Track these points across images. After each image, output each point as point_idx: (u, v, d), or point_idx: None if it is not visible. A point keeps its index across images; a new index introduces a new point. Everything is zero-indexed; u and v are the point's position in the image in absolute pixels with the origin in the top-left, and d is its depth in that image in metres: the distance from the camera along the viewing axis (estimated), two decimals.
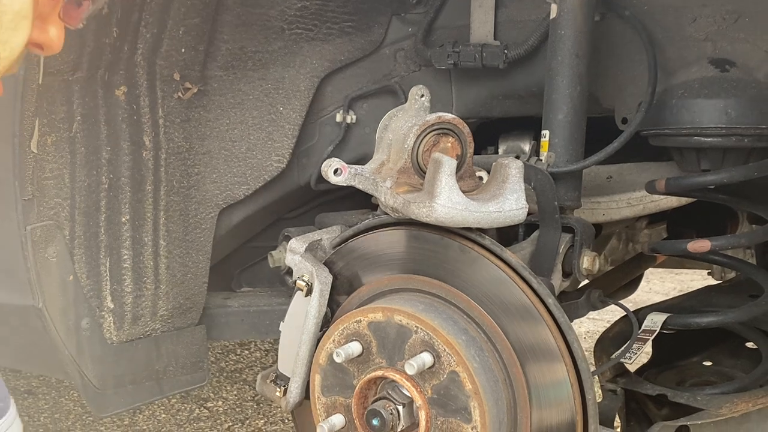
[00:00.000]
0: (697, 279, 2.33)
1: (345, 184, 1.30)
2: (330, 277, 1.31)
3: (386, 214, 1.28)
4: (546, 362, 1.15)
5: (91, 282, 1.51)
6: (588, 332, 4.02)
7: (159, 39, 1.51)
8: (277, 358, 1.39)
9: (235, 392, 3.35)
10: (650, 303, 1.71)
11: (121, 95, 1.50)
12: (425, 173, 1.24)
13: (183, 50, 1.55)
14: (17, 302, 1.47)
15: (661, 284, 4.82)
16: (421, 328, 1.15)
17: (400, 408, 1.17)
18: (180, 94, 1.59)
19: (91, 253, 1.51)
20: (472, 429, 1.14)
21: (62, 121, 1.43)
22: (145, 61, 1.51)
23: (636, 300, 3.89)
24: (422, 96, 1.30)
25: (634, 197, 1.59)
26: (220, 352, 3.59)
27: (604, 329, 1.64)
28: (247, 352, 3.65)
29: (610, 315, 1.51)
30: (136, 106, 1.53)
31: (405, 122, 1.29)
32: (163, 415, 3.17)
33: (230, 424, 3.10)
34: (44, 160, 1.42)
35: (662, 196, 1.53)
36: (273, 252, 1.76)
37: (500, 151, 1.71)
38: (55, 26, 0.99)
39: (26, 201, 1.43)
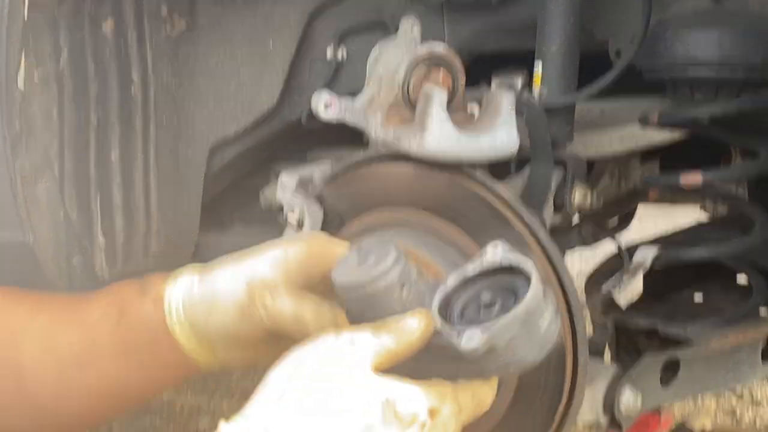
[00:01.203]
0: (690, 215, 2.34)
1: (335, 119, 1.29)
2: (321, 213, 1.31)
3: (377, 149, 1.28)
4: None
5: (82, 219, 1.51)
6: (578, 272, 4.05)
7: None
8: None
9: None
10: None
11: (108, 29, 1.48)
12: (416, 107, 1.23)
13: None
14: (8, 239, 1.47)
15: (654, 226, 4.85)
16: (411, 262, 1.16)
17: None
18: (168, 28, 1.57)
19: (82, 191, 1.50)
20: None
21: (49, 56, 1.42)
22: None
23: (629, 240, 3.92)
24: (413, 28, 1.28)
25: (626, 133, 1.59)
26: None
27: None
28: None
29: (603, 253, 1.52)
30: (124, 41, 1.51)
31: (395, 55, 1.27)
32: None
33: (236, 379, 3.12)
34: (31, 96, 1.40)
35: (655, 132, 1.53)
36: (265, 190, 1.76)
37: (493, 84, 1.69)
38: None
39: (14, 137, 1.42)
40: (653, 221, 4.85)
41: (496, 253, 0.96)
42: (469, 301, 0.96)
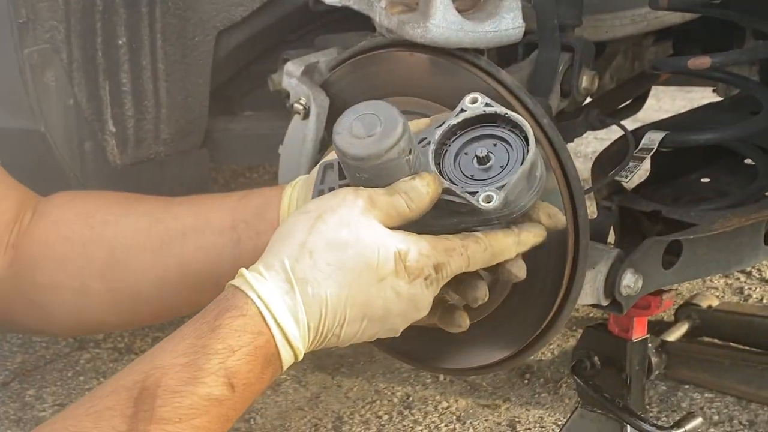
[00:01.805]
0: (708, 97, 2.32)
1: (340, 5, 1.28)
2: (327, 100, 1.32)
3: (382, 35, 1.27)
4: None
5: (91, 106, 1.52)
6: (594, 152, 4.04)
7: None
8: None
9: None
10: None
11: None
12: None
13: None
14: (20, 126, 1.49)
15: (671, 103, 4.79)
16: None
17: None
18: None
19: (90, 77, 1.51)
20: None
21: None
22: None
23: (645, 118, 3.89)
24: None
25: (638, 14, 1.56)
26: (230, 175, 3.63)
27: None
28: (256, 175, 3.70)
29: (617, 135, 1.51)
30: None
31: None
32: None
33: None
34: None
35: (666, 13, 1.50)
36: (273, 75, 1.75)
37: None
38: None
39: (21, 24, 1.42)
40: (670, 99, 4.81)
41: (478, 104, 1.00)
42: (459, 153, 1.00)
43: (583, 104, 1.53)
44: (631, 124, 2.14)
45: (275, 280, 0.88)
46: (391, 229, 0.93)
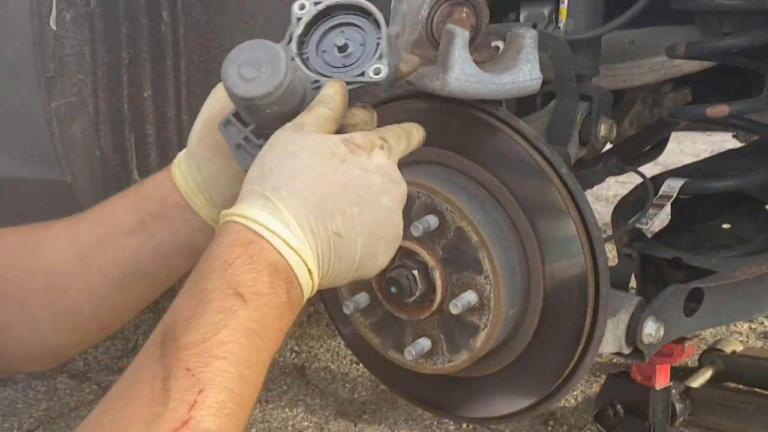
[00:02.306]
0: (729, 140, 2.33)
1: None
2: None
3: (402, 87, 1.28)
4: (556, 221, 1.17)
5: (117, 157, 1.55)
6: (615, 195, 4.04)
7: None
8: None
9: None
10: (681, 164, 1.71)
11: None
12: (439, 45, 1.23)
13: None
14: (47, 177, 1.52)
15: (692, 146, 4.79)
16: (422, 192, 1.18)
17: (416, 272, 1.20)
18: None
19: (116, 129, 1.54)
20: (485, 279, 1.18)
21: None
22: None
23: (666, 162, 3.89)
24: None
25: (655, 62, 1.58)
26: None
27: None
28: None
29: (638, 178, 1.52)
30: None
31: None
32: None
33: None
34: (64, 37, 1.44)
35: (684, 61, 1.52)
36: None
37: (521, 17, 1.68)
38: None
39: (49, 78, 1.46)
40: (691, 142, 4.81)
41: (308, 6, 1.06)
42: (318, 54, 1.06)
43: (603, 151, 1.54)
44: (651, 167, 2.15)
45: (249, 202, 0.90)
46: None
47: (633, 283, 1.51)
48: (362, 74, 1.03)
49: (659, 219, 1.45)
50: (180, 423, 0.77)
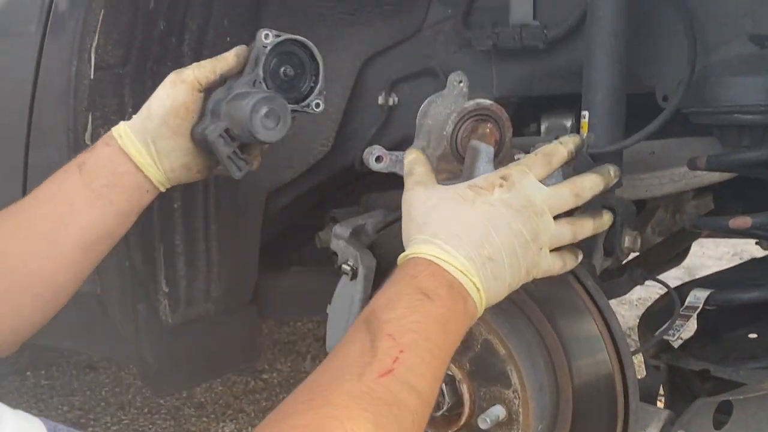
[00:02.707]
0: (750, 242, 2.33)
1: (386, 171, 1.33)
2: (374, 261, 1.35)
3: None
4: (588, 344, 1.18)
5: (146, 268, 1.57)
6: (639, 299, 4.02)
7: (204, 30, 1.55)
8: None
9: (289, 364, 3.43)
10: (703, 268, 1.72)
11: None
12: (464, 158, 1.26)
13: (228, 39, 1.59)
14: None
15: (714, 249, 4.78)
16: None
17: (443, 386, 1.20)
18: None
19: (146, 241, 1.56)
20: (513, 393, 1.17)
21: (114, 113, 1.49)
22: (191, 52, 1.56)
23: (688, 265, 3.87)
24: (460, 82, 1.32)
25: (676, 173, 1.59)
26: (273, 324, 3.66)
27: (655, 295, 1.66)
28: (300, 324, 3.73)
29: (662, 279, 1.52)
30: None
31: (444, 109, 1.31)
32: (220, 387, 3.26)
33: (285, 395, 3.16)
34: None
35: (705, 172, 1.53)
36: (320, 233, 1.80)
37: (542, 129, 1.72)
38: None
39: None
40: (714, 245, 4.80)
41: (267, 39, 1.30)
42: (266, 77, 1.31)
43: (623, 264, 1.55)
44: (674, 270, 2.15)
45: (417, 246, 1.11)
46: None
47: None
48: (307, 105, 1.34)
49: (686, 329, 1.44)
50: (386, 370, 0.95)
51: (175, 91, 1.29)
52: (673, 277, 1.69)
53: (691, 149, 1.58)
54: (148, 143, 1.29)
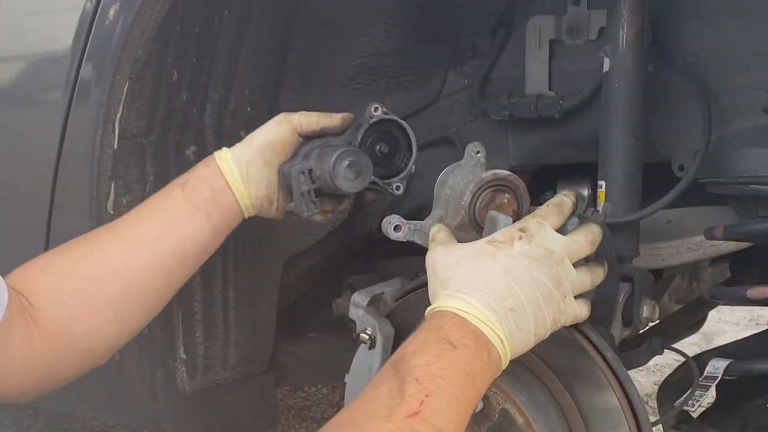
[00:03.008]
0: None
1: (405, 240, 1.34)
2: (392, 330, 1.35)
3: None
4: (608, 417, 1.17)
5: (164, 335, 1.58)
6: (656, 365, 3.98)
7: (226, 100, 1.58)
8: (343, 396, 1.44)
9: (303, 430, 3.40)
10: (719, 334, 1.70)
11: (190, 155, 1.57)
12: (482, 228, 1.27)
13: (249, 109, 1.61)
14: None
15: (731, 314, 4.75)
16: None
17: None
18: None
19: (165, 308, 1.57)
20: None
21: (136, 182, 1.51)
22: (213, 121, 1.58)
23: (705, 331, 3.84)
24: (478, 153, 1.34)
25: (693, 242, 1.60)
26: (288, 390, 3.64)
27: (672, 361, 1.64)
28: (314, 389, 3.70)
29: (679, 345, 1.51)
30: None
31: (461, 179, 1.33)
32: None
33: None
34: None
35: (722, 241, 1.54)
36: (338, 300, 1.81)
37: None
38: None
39: None
40: (729, 310, 4.76)
41: (376, 113, 1.39)
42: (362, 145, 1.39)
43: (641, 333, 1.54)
44: (692, 337, 2.13)
45: (442, 301, 1.15)
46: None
47: None
48: (389, 183, 1.42)
49: (705, 399, 1.43)
50: (413, 412, 0.99)
51: (279, 128, 1.41)
52: (691, 342, 1.68)
53: (708, 218, 1.58)
54: (241, 167, 1.39)
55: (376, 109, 1.38)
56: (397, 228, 1.32)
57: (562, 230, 1.23)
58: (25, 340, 1.27)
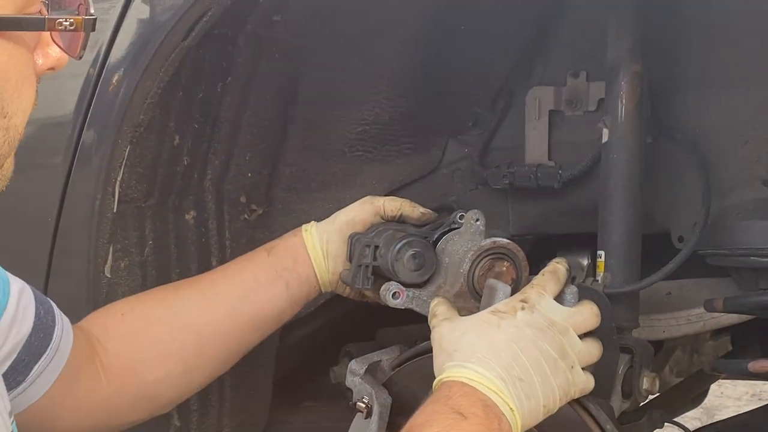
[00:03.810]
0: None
1: (403, 307, 1.33)
2: (389, 399, 1.34)
3: None
4: None
5: None
6: None
7: (227, 165, 1.59)
8: None
9: None
10: (721, 408, 1.68)
11: (190, 219, 1.57)
12: (481, 297, 1.27)
13: (249, 174, 1.62)
14: None
15: (733, 389, 4.70)
16: None
17: None
18: (246, 215, 1.66)
19: None
20: None
21: (135, 246, 1.50)
22: (213, 186, 1.59)
23: (707, 405, 3.80)
24: (477, 220, 1.34)
25: (693, 314, 1.59)
26: None
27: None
28: None
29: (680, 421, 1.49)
30: (205, 228, 1.60)
31: (461, 246, 1.32)
32: None
33: None
34: (117, 284, 1.48)
35: (722, 313, 1.53)
36: (335, 368, 1.79)
37: None
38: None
39: None
40: (732, 385, 4.72)
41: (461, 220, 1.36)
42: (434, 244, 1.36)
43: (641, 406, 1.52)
44: (693, 412, 2.10)
45: (451, 371, 1.14)
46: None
47: None
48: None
49: None
50: None
51: (362, 208, 1.47)
52: (692, 417, 1.66)
53: (708, 290, 1.57)
54: (323, 242, 1.45)
55: (461, 217, 1.36)
56: (395, 295, 1.32)
57: (560, 300, 1.22)
58: (90, 384, 1.32)
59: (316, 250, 1.44)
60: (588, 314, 1.22)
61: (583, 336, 1.20)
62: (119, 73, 1.42)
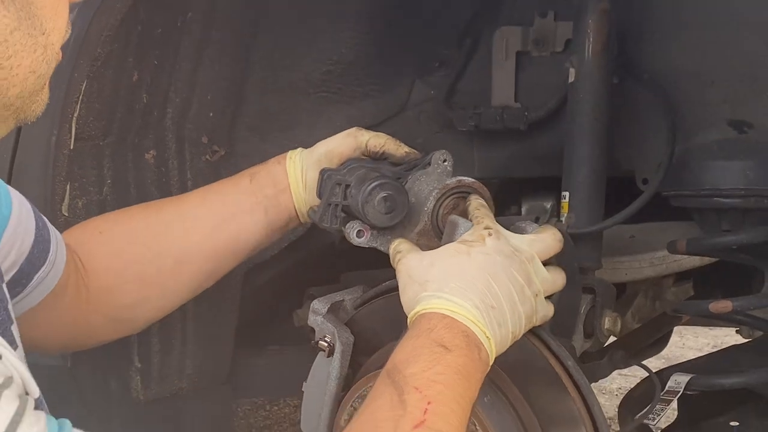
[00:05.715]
0: (731, 334, 2.32)
1: (367, 246, 1.32)
2: (351, 338, 1.33)
3: None
4: (567, 426, 1.16)
5: (119, 342, 1.53)
6: (619, 389, 3.98)
7: (188, 103, 1.56)
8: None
9: None
10: (683, 359, 1.70)
11: (150, 158, 1.54)
12: (443, 234, 1.26)
13: (211, 114, 1.59)
14: (47, 362, 1.50)
15: (695, 339, 4.77)
16: None
17: None
18: (208, 156, 1.63)
19: None
20: None
21: (93, 184, 1.47)
22: (174, 125, 1.56)
23: (669, 356, 3.85)
24: (445, 161, 1.32)
25: (656, 257, 1.60)
26: (249, 408, 3.57)
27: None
28: (276, 408, 3.64)
29: (641, 371, 1.50)
30: (165, 169, 1.57)
31: (426, 185, 1.31)
32: None
33: None
34: (74, 223, 1.45)
35: (685, 256, 1.54)
36: (298, 311, 1.78)
37: (523, 210, 1.72)
38: None
39: None
40: (693, 336, 4.79)
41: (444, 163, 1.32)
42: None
43: (607, 344, 1.53)
44: (654, 361, 2.12)
45: (426, 302, 1.12)
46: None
47: None
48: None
49: (666, 415, 1.42)
50: (418, 422, 0.99)
51: (344, 141, 1.44)
52: (653, 366, 1.67)
53: (672, 234, 1.58)
54: (303, 171, 1.43)
55: (444, 160, 1.31)
56: (359, 233, 1.30)
57: (520, 232, 1.21)
58: (75, 301, 1.32)
59: (297, 180, 1.43)
60: (550, 240, 1.20)
61: (546, 265, 1.19)
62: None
